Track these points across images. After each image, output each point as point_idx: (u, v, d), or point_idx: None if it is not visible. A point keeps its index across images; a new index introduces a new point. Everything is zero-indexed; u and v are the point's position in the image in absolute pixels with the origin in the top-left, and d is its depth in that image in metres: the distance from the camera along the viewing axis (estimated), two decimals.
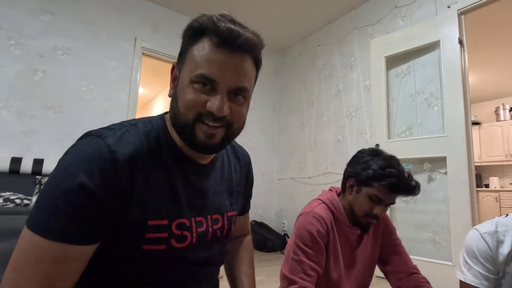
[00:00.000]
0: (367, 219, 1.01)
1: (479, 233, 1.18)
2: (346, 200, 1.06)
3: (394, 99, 2.70)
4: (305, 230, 0.96)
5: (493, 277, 1.12)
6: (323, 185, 3.18)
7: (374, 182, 0.95)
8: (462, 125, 2.18)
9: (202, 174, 0.61)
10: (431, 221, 2.30)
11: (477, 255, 1.15)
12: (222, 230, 0.65)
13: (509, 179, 4.86)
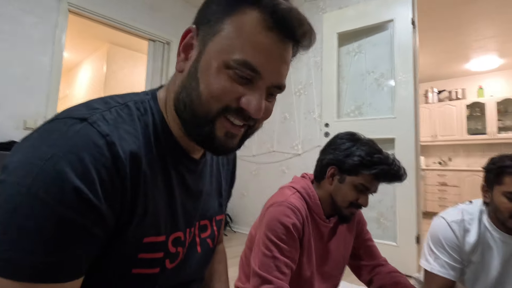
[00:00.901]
0: (351, 210, 0.93)
1: (447, 222, 1.12)
2: (323, 190, 0.96)
3: (344, 77, 2.63)
4: (279, 223, 0.86)
5: (459, 267, 1.08)
6: (268, 164, 3.09)
7: (363, 170, 0.87)
8: (411, 106, 2.19)
9: (195, 173, 0.52)
10: (377, 202, 2.32)
11: (444, 244, 1.09)
12: (212, 239, 0.57)
13: (433, 159, 5.44)
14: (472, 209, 1.13)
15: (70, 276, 0.35)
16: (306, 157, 2.84)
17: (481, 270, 1.08)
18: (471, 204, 1.15)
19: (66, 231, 0.34)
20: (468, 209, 1.13)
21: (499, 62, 4.54)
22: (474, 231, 1.08)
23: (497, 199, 1.02)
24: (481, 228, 1.08)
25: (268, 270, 0.83)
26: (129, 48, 4.52)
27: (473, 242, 1.07)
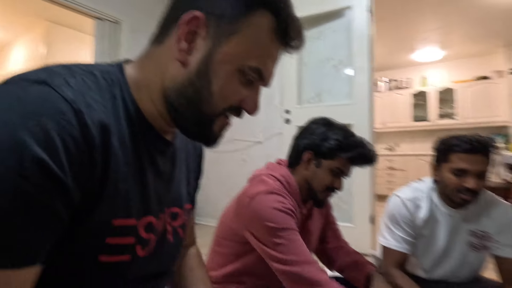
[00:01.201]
0: (327, 194, 0.95)
1: (401, 200, 1.19)
2: (299, 175, 0.96)
3: (305, 63, 2.64)
4: (275, 210, 0.83)
5: (412, 241, 1.15)
6: (229, 153, 3.02)
7: (340, 153, 0.89)
8: (367, 93, 2.27)
9: (167, 155, 0.50)
10: None
11: (399, 220, 1.16)
12: (183, 228, 0.55)
13: (383, 145, 5.84)
14: (423, 187, 1.20)
15: (24, 261, 0.30)
16: (267, 144, 2.83)
17: (430, 243, 1.16)
18: (422, 182, 1.23)
19: (23, 207, 0.29)
20: (420, 187, 1.21)
21: (441, 54, 4.95)
22: (425, 207, 1.16)
23: (445, 176, 1.09)
24: (430, 204, 1.16)
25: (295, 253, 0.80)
26: (73, 28, 4.08)
27: (424, 217, 1.15)
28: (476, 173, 1.02)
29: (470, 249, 1.13)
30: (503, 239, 1.09)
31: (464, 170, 1.03)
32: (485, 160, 1.03)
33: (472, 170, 1.02)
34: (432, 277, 1.19)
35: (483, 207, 1.13)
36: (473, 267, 1.16)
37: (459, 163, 1.04)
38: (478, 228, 1.12)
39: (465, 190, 1.03)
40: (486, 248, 1.12)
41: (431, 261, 1.18)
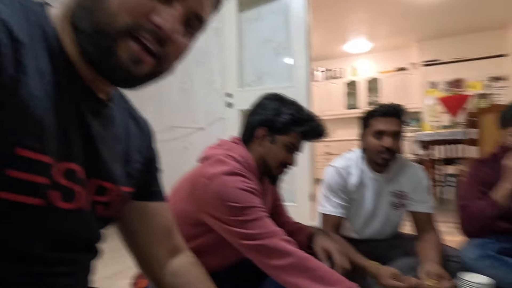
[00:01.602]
0: (281, 170, 0.95)
1: (335, 169, 1.29)
2: (254, 153, 0.94)
3: (245, 45, 2.60)
4: (239, 189, 0.80)
5: (346, 205, 1.26)
6: (168, 141, 2.85)
7: (293, 127, 0.90)
8: (305, 76, 2.36)
9: (100, 117, 0.43)
10: None
11: (334, 187, 1.25)
12: (107, 208, 0.46)
13: None
14: (353, 156, 1.33)
15: None
16: (210, 130, 2.76)
17: (360, 206, 1.29)
18: (352, 152, 1.35)
19: None
20: (350, 156, 1.33)
21: (369, 46, 5.43)
22: (355, 173, 1.27)
23: (368, 140, 1.22)
24: (360, 171, 1.28)
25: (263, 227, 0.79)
26: None
27: (355, 183, 1.26)
28: (391, 134, 1.16)
29: (392, 208, 1.28)
30: (416, 196, 1.26)
31: (381, 131, 1.17)
32: (398, 122, 1.18)
33: (388, 130, 1.16)
34: (362, 237, 1.32)
35: (400, 169, 1.28)
36: (395, 224, 1.32)
37: (377, 125, 1.18)
38: (397, 188, 1.27)
39: (384, 149, 1.17)
40: (404, 206, 1.28)
41: (361, 222, 1.30)
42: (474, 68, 4.82)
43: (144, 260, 0.56)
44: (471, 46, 4.85)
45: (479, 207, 1.24)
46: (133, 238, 0.55)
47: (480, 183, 1.33)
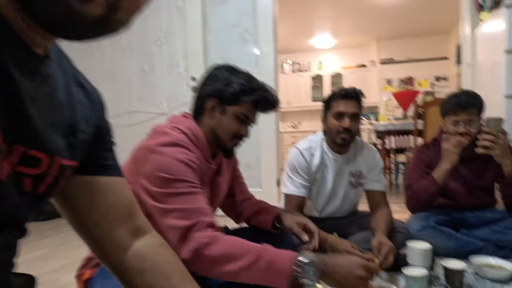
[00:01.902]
0: (234, 142, 0.92)
1: (299, 150, 1.35)
2: (204, 126, 0.91)
3: (210, 28, 2.53)
4: (175, 160, 0.76)
5: (308, 185, 1.32)
6: (127, 127, 2.68)
7: (244, 97, 0.87)
8: (272, 63, 2.39)
9: (34, 74, 0.34)
10: (244, 156, 2.48)
11: (297, 168, 1.32)
12: (39, 182, 0.37)
13: (288, 123, 6.39)
14: (316, 138, 1.40)
15: None
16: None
17: (321, 186, 1.36)
18: (315, 135, 1.42)
19: None
20: (314, 138, 1.40)
21: (333, 42, 5.64)
22: (317, 155, 1.34)
23: (329, 122, 1.29)
24: (322, 152, 1.35)
25: (189, 203, 0.74)
26: None
27: (317, 164, 1.33)
28: (350, 115, 1.25)
29: (350, 187, 1.37)
30: (371, 176, 1.37)
31: (341, 113, 1.25)
32: (357, 105, 1.27)
33: (347, 112, 1.24)
34: (323, 215, 1.40)
35: (358, 151, 1.38)
36: (353, 202, 1.42)
37: (338, 107, 1.26)
38: (356, 169, 1.37)
39: (344, 130, 1.25)
40: (361, 185, 1.39)
41: (322, 202, 1.38)
42: (422, 68, 5.28)
43: (100, 243, 0.48)
44: (421, 48, 5.28)
45: (421, 186, 1.39)
46: (85, 218, 0.47)
47: (424, 164, 1.49)
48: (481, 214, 1.42)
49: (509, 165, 1.29)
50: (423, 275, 0.98)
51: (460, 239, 1.34)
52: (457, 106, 1.37)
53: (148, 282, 0.48)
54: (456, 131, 1.36)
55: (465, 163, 1.43)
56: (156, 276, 0.48)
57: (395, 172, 3.85)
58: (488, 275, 1.13)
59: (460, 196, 1.43)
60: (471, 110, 1.36)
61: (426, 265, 1.06)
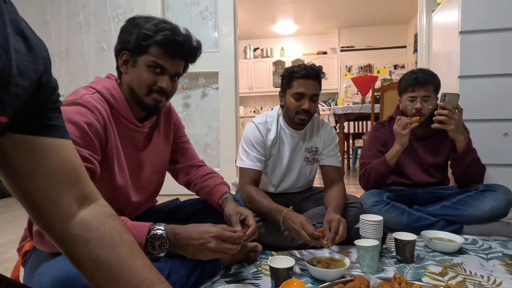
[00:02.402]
0: (153, 96, 0.84)
1: (254, 124, 1.32)
2: (124, 85, 0.86)
3: (169, 6, 2.44)
4: (70, 122, 0.71)
5: (264, 159, 1.30)
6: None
7: (147, 41, 0.80)
8: (232, 41, 2.32)
9: None
10: (203, 135, 2.43)
11: (253, 142, 1.28)
12: None
13: (250, 108, 6.33)
14: (273, 113, 1.36)
15: None
16: None
17: (277, 161, 1.34)
18: (272, 110, 1.38)
19: None
20: (270, 113, 1.37)
21: (295, 28, 5.65)
22: (273, 129, 1.31)
23: (288, 100, 1.26)
24: (278, 127, 1.32)
25: None
26: None
27: (273, 138, 1.30)
28: (310, 96, 1.23)
29: (306, 163, 1.37)
30: (326, 152, 1.37)
31: (301, 93, 1.22)
32: (317, 85, 1.25)
33: (307, 93, 1.22)
34: (279, 191, 1.39)
35: (314, 127, 1.38)
36: (308, 179, 1.42)
37: (298, 88, 1.22)
38: (312, 145, 1.36)
39: (302, 111, 1.23)
40: (317, 161, 1.39)
41: (278, 177, 1.36)
42: (382, 56, 5.50)
43: (42, 210, 0.45)
44: (381, 37, 5.50)
45: (374, 165, 1.42)
46: (25, 182, 0.44)
47: (379, 143, 1.53)
48: (433, 191, 1.48)
49: (462, 140, 1.35)
50: (374, 245, 1.00)
51: (412, 214, 1.40)
52: (415, 81, 1.40)
53: (93, 253, 0.45)
54: (412, 108, 1.41)
55: (420, 141, 1.49)
56: (102, 247, 0.45)
57: (353, 156, 4.02)
58: (438, 248, 1.19)
59: (414, 174, 1.49)
60: (428, 86, 1.39)
61: (378, 237, 1.08)
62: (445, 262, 1.10)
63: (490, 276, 0.99)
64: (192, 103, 2.45)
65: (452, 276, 1.00)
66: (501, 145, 1.61)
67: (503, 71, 1.59)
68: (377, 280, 0.85)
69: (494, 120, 1.62)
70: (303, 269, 1.04)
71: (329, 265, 1.00)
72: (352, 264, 1.06)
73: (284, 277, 0.87)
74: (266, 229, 1.17)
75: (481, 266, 1.07)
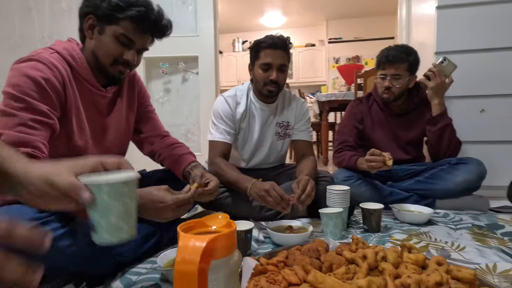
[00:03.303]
0: (118, 68, 0.83)
1: (223, 97, 1.30)
2: (87, 49, 0.84)
3: None
4: (26, 77, 0.71)
5: (233, 132, 1.28)
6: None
7: (119, 13, 0.78)
8: (211, 25, 2.29)
9: None
10: (184, 120, 2.40)
11: (222, 115, 1.26)
12: None
13: None
14: (243, 87, 1.35)
15: None
16: None
17: (247, 135, 1.32)
18: (243, 85, 1.36)
19: None
20: (240, 87, 1.35)
21: (283, 20, 5.62)
22: (243, 103, 1.29)
23: (256, 72, 1.24)
24: (248, 101, 1.30)
25: (8, 127, 0.67)
26: None
27: (242, 112, 1.28)
28: (277, 67, 1.21)
29: (277, 138, 1.35)
30: (298, 126, 1.36)
31: (269, 64, 1.20)
32: (284, 55, 1.23)
33: (275, 63, 1.20)
34: (250, 166, 1.37)
35: (286, 102, 1.36)
36: (280, 154, 1.40)
37: (265, 58, 1.20)
38: (283, 119, 1.34)
39: (270, 82, 1.21)
40: (288, 136, 1.37)
41: (248, 151, 1.34)
42: (369, 48, 5.49)
43: None
44: (368, 28, 5.50)
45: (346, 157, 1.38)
46: None
47: (356, 119, 1.51)
48: (407, 167, 1.48)
49: (437, 104, 1.35)
50: (337, 211, 0.98)
51: (385, 189, 1.39)
52: (386, 59, 1.39)
53: None
54: (382, 85, 1.40)
55: (396, 118, 1.48)
56: None
57: None
58: (407, 219, 1.19)
59: (389, 150, 1.45)
60: (399, 64, 1.37)
61: (344, 206, 1.07)
62: (411, 231, 1.09)
63: (455, 242, 0.98)
64: (173, 88, 2.41)
65: (416, 242, 0.99)
66: (477, 121, 1.60)
67: (480, 47, 1.57)
68: (336, 243, 0.83)
69: (470, 97, 1.61)
70: (266, 237, 1.02)
71: (292, 232, 0.98)
72: (318, 233, 1.04)
73: (241, 240, 0.85)
74: (233, 200, 1.15)
75: (448, 234, 1.06)
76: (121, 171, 0.44)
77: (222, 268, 0.36)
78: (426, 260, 0.69)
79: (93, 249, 0.68)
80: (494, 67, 1.57)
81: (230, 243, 0.37)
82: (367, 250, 0.71)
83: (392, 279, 0.60)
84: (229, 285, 0.37)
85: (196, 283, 0.31)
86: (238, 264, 0.40)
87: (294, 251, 0.79)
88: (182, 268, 0.31)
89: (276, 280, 0.65)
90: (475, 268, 0.79)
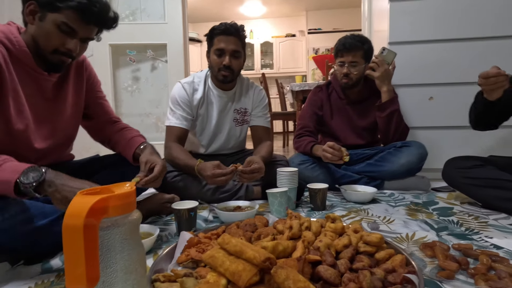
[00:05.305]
0: (59, 57, 0.82)
1: (181, 84, 1.33)
2: (28, 34, 0.82)
3: None
4: None
5: (190, 118, 1.32)
6: None
7: (60, 2, 0.77)
8: (179, 12, 2.28)
9: None
10: (154, 108, 2.41)
11: (179, 101, 1.29)
12: None
13: None
14: (201, 74, 1.38)
15: None
16: None
17: (205, 121, 1.36)
18: (201, 71, 1.39)
19: None
20: (198, 74, 1.38)
21: (263, 10, 5.60)
22: (200, 89, 1.33)
23: (211, 58, 1.28)
24: (205, 88, 1.34)
25: None
26: None
27: (199, 98, 1.32)
28: (230, 52, 1.25)
29: (235, 124, 1.40)
30: (255, 112, 1.41)
31: (222, 49, 1.24)
32: (238, 42, 1.27)
33: (228, 49, 1.24)
34: (209, 152, 1.42)
35: (244, 89, 1.41)
36: (238, 140, 1.45)
37: (219, 44, 1.24)
38: (241, 106, 1.39)
39: (224, 67, 1.25)
40: (246, 122, 1.42)
41: (207, 138, 1.39)
42: None
43: None
44: (346, 19, 5.56)
45: (304, 143, 1.45)
46: None
47: (316, 106, 1.58)
48: (361, 152, 1.55)
49: (385, 91, 1.43)
50: (281, 191, 1.05)
51: (337, 172, 1.47)
52: (343, 47, 1.45)
53: None
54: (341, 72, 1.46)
55: (352, 105, 1.55)
56: None
57: None
58: (352, 198, 1.27)
59: (345, 136, 1.56)
60: (355, 52, 1.44)
61: (292, 187, 1.14)
62: (353, 208, 1.17)
63: (387, 216, 1.08)
64: (142, 77, 2.40)
65: (352, 217, 1.07)
66: (426, 108, 1.70)
67: (429, 37, 1.66)
68: (275, 219, 0.90)
69: (420, 85, 1.71)
70: (215, 217, 1.08)
71: (240, 211, 1.04)
72: (268, 213, 1.11)
73: (185, 218, 0.91)
74: (184, 183, 1.20)
75: (385, 211, 1.15)
76: None
77: (115, 226, 0.41)
78: (344, 229, 0.77)
79: (28, 227, 0.72)
80: (443, 57, 1.66)
81: (125, 203, 0.42)
82: (293, 221, 0.78)
83: (304, 243, 0.68)
84: (124, 241, 0.42)
85: (82, 236, 0.36)
86: (136, 223, 0.45)
87: (232, 226, 0.86)
88: (68, 222, 0.36)
89: (205, 250, 0.71)
90: (396, 236, 0.88)
